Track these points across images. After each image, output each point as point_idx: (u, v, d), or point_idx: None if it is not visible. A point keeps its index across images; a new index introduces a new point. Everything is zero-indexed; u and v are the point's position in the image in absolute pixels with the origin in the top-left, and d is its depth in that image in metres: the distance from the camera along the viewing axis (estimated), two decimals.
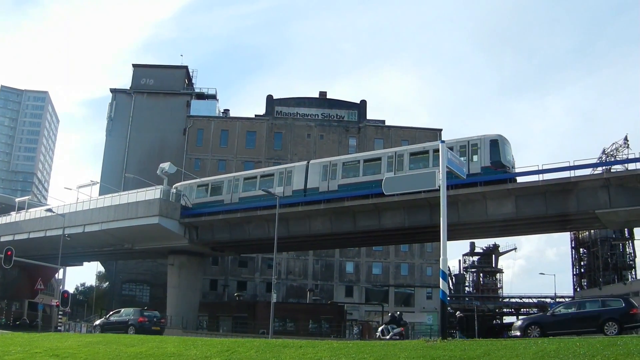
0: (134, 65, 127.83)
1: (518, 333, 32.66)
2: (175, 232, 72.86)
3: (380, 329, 41.80)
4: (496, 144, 55.84)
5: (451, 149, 52.99)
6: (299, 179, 67.10)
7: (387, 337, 38.21)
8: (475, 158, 55.94)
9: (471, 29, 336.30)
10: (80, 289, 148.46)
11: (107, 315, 52.30)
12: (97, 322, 53.07)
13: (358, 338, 72.06)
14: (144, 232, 73.96)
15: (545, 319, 33.33)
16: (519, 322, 34.76)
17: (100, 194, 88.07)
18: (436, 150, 55.71)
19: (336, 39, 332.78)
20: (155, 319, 47.10)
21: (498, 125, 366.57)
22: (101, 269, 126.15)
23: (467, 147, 56.32)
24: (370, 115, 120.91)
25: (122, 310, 50.98)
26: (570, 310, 33.10)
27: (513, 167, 57.36)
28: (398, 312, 49.43)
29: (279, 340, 26.18)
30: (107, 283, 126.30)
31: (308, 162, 69.06)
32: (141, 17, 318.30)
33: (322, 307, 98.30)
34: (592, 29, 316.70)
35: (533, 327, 32.47)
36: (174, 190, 74.97)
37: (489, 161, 55.47)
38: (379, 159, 62.80)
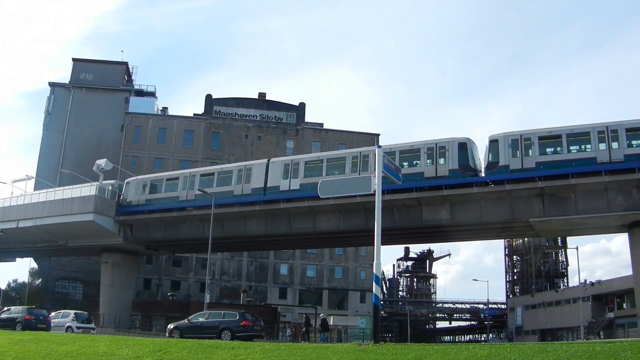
0: (74, 60, 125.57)
1: (167, 334, 39.54)
2: (109, 229, 72.40)
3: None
4: None
5: None
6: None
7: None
8: None
9: (413, 32, 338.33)
10: (12, 285, 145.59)
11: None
12: None
13: (291, 340, 72.10)
14: (79, 228, 73.23)
15: (184, 325, 39.61)
16: (170, 326, 40.55)
17: (35, 189, 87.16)
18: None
19: (279, 39, 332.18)
20: (41, 317, 48.26)
21: (439, 130, 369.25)
22: (34, 265, 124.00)
23: None
24: (309, 117, 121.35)
25: (12, 308, 53.50)
26: (200, 319, 39.76)
27: None
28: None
29: (211, 341, 26.18)
30: (40, 280, 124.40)
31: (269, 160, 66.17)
32: (84, 8, 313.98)
33: (256, 308, 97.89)
34: (534, 38, 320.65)
35: (175, 330, 39.07)
36: (110, 187, 74.33)
37: None
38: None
